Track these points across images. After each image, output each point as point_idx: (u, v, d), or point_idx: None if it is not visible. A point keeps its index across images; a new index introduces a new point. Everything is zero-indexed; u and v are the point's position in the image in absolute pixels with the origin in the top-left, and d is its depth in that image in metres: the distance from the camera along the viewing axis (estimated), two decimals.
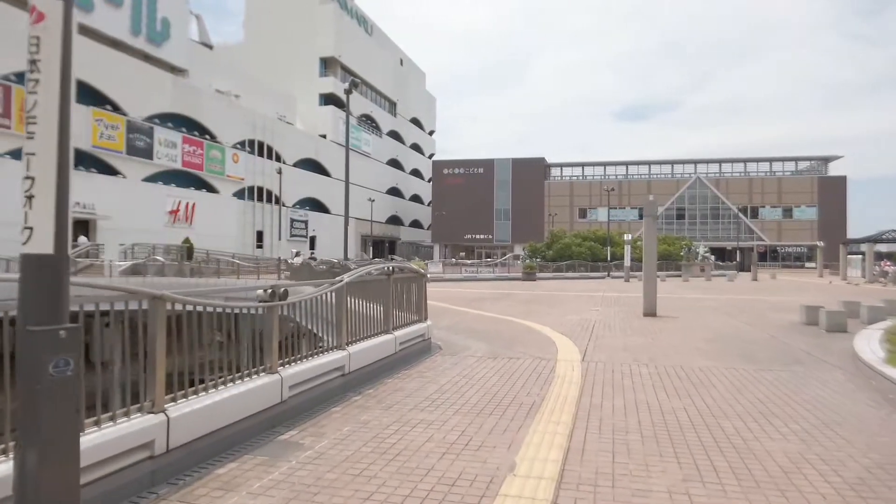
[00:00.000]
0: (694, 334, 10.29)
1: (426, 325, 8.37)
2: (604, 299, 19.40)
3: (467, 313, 14.18)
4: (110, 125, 35.76)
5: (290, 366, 4.96)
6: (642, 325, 11.68)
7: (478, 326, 11.42)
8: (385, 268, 7.17)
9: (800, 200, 70.02)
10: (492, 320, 12.61)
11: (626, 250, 35.84)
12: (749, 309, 15.72)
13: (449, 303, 17.25)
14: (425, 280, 8.51)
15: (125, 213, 36.18)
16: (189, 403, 3.76)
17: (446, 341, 9.38)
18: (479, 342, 9.27)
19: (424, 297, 8.52)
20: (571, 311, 14.83)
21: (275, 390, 4.64)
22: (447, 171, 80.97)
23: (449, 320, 12.48)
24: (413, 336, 7.80)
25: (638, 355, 7.99)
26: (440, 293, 21.86)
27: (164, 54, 41.63)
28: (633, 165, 78.44)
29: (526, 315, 13.73)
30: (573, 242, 48.83)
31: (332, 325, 5.89)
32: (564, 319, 12.81)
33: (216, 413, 3.96)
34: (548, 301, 18.37)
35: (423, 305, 8.46)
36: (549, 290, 25.35)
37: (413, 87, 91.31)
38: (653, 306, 13.58)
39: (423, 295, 8.46)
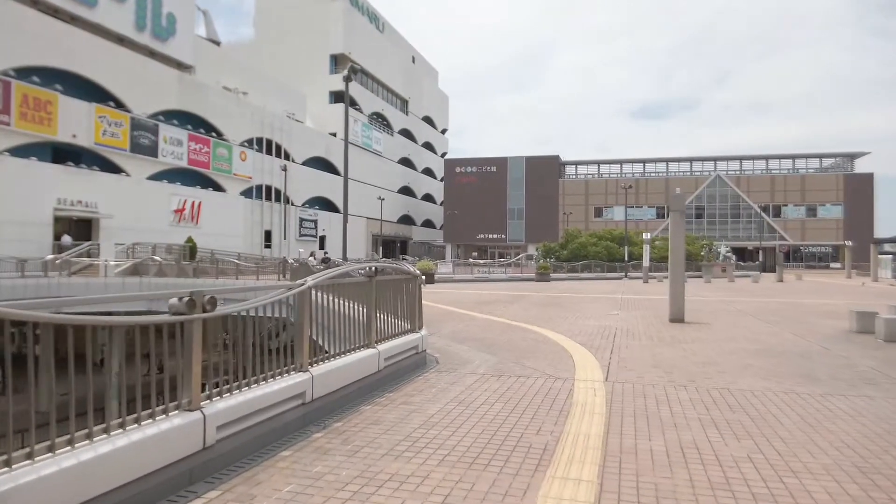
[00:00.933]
0: (734, 345, 8.92)
1: (420, 336, 7.13)
2: (623, 302, 18.01)
3: (474, 318, 12.91)
4: (114, 122, 35.04)
5: (221, 398, 3.75)
6: (671, 334, 10.33)
7: (484, 334, 10.15)
8: (367, 268, 5.94)
9: (825, 198, 67.68)
10: (500, 327, 11.33)
11: (644, 250, 34.32)
12: (787, 314, 14.26)
13: (456, 306, 16.00)
14: (420, 282, 7.26)
15: (129, 212, 35.46)
16: (44, 465, 2.55)
17: (446, 352, 8.14)
18: (484, 354, 8.01)
19: (418, 302, 7.28)
20: (589, 316, 13.50)
21: (194, 434, 3.43)
22: (459, 170, 79.73)
23: (453, 326, 11.23)
24: (402, 349, 6.56)
25: (673, 373, 6.67)
26: (448, 295, 20.62)
27: (169, 50, 40.90)
28: (650, 163, 76.54)
29: (538, 320, 12.44)
30: (588, 242, 47.35)
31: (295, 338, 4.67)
32: (581, 326, 11.50)
33: (90, 477, 2.75)
34: (563, 304, 17.04)
35: (417, 312, 7.22)
36: (564, 291, 23.99)
37: (425, 85, 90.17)
38: (680, 311, 12.21)
39: (417, 300, 7.22)
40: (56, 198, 31.48)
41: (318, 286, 4.85)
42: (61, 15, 33.39)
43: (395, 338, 6.52)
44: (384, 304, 6.36)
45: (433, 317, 13.04)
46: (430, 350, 8.27)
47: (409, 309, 7.06)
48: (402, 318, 6.81)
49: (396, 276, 6.82)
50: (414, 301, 7.14)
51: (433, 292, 22.27)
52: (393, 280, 6.64)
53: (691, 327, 11.33)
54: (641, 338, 9.81)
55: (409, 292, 7.05)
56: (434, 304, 16.37)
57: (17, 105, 29.40)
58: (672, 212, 12.35)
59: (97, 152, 34.42)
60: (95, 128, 33.84)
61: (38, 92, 30.55)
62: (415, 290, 7.15)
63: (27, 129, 30.08)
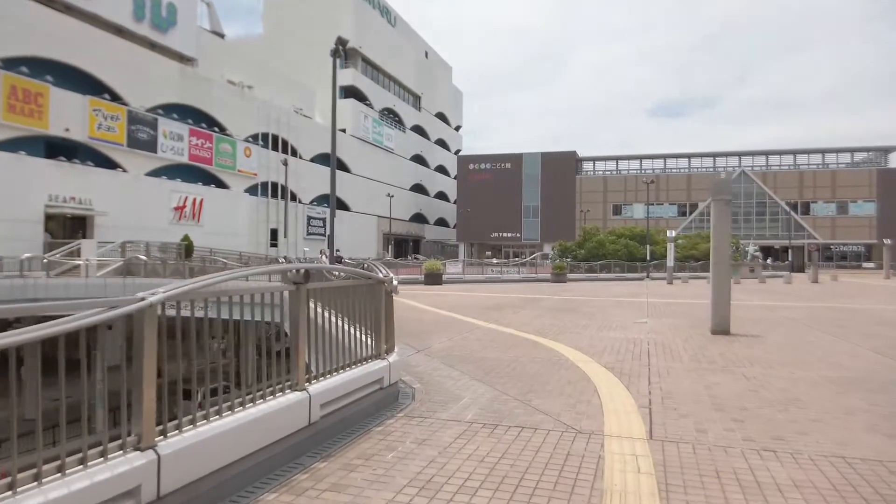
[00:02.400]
0: (809, 371, 6.82)
1: (387, 364, 5.16)
2: (650, 307, 15.88)
3: (477, 328, 10.92)
4: (109, 115, 33.64)
5: None
6: (719, 351, 8.23)
7: (484, 351, 8.16)
8: (291, 270, 3.99)
9: (856, 195, 64.37)
10: (506, 340, 9.32)
11: (668, 248, 32.00)
12: (848, 323, 12.04)
13: (459, 311, 14.02)
14: (387, 289, 5.29)
15: (126, 209, 34.07)
16: None
17: (429, 381, 6.17)
18: (479, 384, 6.02)
19: (385, 317, 5.32)
20: (612, 325, 11.43)
21: None
22: (473, 167, 77.68)
23: (448, 340, 9.26)
24: (356, 387, 4.60)
25: (746, 423, 4.61)
26: (453, 298, 18.65)
27: (170, 42, 39.49)
28: (671, 159, 73.74)
29: (552, 331, 10.41)
30: (607, 240, 45.05)
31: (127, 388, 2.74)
32: (605, 339, 9.45)
33: None
34: (580, 309, 14.96)
35: (384, 331, 5.25)
36: (582, 294, 21.87)
37: (439, 81, 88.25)
38: (725, 321, 10.09)
39: (384, 314, 5.26)
40: (47, 194, 30.12)
41: (174, 298, 2.91)
42: (55, 4, 32.05)
43: (345, 370, 4.56)
44: (327, 322, 4.41)
45: (428, 326, 11.09)
46: (409, 377, 6.34)
47: (371, 327, 5.09)
48: (357, 340, 4.84)
49: (346, 283, 4.86)
50: (378, 316, 5.18)
51: (438, 295, 20.33)
52: (340, 288, 4.68)
53: (741, 342, 9.21)
54: (683, 357, 7.74)
55: (369, 304, 5.08)
56: (434, 310, 14.42)
57: (5, 97, 28.05)
58: (714, 201, 10.23)
59: (92, 147, 33.05)
60: (90, 121, 32.45)
61: (28, 83, 29.20)
62: (379, 302, 5.19)
63: (16, 123, 28.73)
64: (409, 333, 10.00)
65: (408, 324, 11.45)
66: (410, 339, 9.25)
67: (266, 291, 3.85)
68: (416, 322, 11.79)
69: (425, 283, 27.24)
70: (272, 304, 3.75)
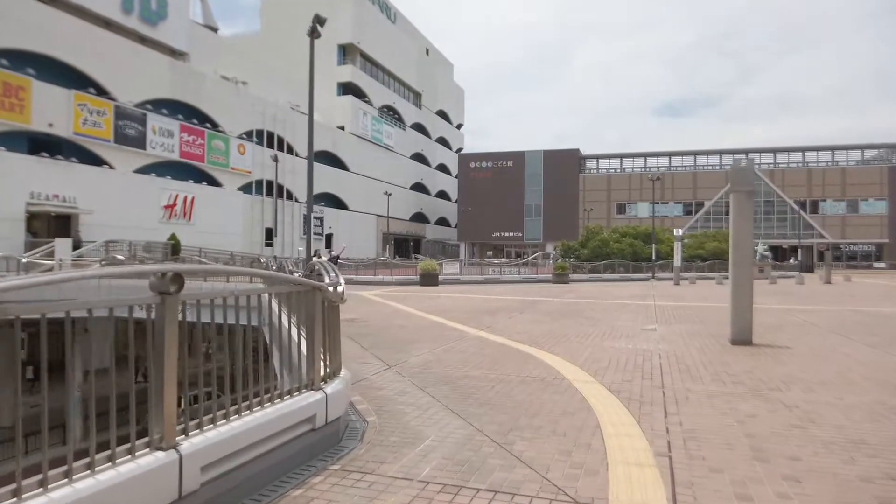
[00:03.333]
0: (860, 395, 5.56)
1: (320, 397, 3.92)
2: (658, 311, 14.61)
3: (465, 336, 9.69)
4: (95, 110, 32.56)
5: None
6: (746, 368, 6.98)
7: (465, 368, 6.92)
8: (155, 273, 2.74)
9: (867, 193, 62.83)
10: (495, 352, 8.08)
11: (675, 248, 30.68)
12: (883, 331, 10.76)
13: (449, 316, 12.78)
14: (325, 297, 4.07)
15: (113, 207, 33.00)
16: None
17: (390, 410, 4.96)
18: (451, 416, 4.79)
19: (324, 334, 4.09)
20: (618, 333, 10.18)
21: None
22: (474, 165, 76.43)
23: (429, 352, 8.02)
24: (265, 436, 3.35)
25: (805, 484, 3.36)
26: (446, 301, 17.42)
27: (160, 35, 38.41)
28: (676, 156, 72.31)
29: (550, 340, 9.17)
30: (611, 239, 43.74)
31: None
32: (609, 350, 8.21)
33: None
34: (583, 313, 13.70)
35: (318, 353, 4.01)
36: (585, 296, 20.61)
37: (440, 79, 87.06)
38: (747, 329, 8.83)
39: (320, 331, 4.02)
40: (29, 191, 29.04)
41: None
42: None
43: (251, 410, 3.32)
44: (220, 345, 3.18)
45: (411, 334, 9.87)
46: (366, 405, 5.13)
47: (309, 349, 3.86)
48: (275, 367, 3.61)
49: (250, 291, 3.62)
50: (311, 334, 3.94)
51: (431, 297, 19.12)
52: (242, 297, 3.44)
53: (768, 355, 7.95)
54: (703, 376, 6.49)
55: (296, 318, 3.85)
56: (422, 315, 13.19)
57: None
58: (734, 192, 8.96)
59: (77, 143, 31.99)
60: (75, 116, 31.38)
61: (9, 76, 28.14)
62: (314, 315, 3.95)
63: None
64: (387, 343, 8.79)
65: (388, 331, 10.23)
66: (385, 352, 8.03)
67: (115, 305, 2.62)
68: (398, 329, 10.57)
69: (420, 284, 26.02)
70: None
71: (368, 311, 14.08)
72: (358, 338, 9.42)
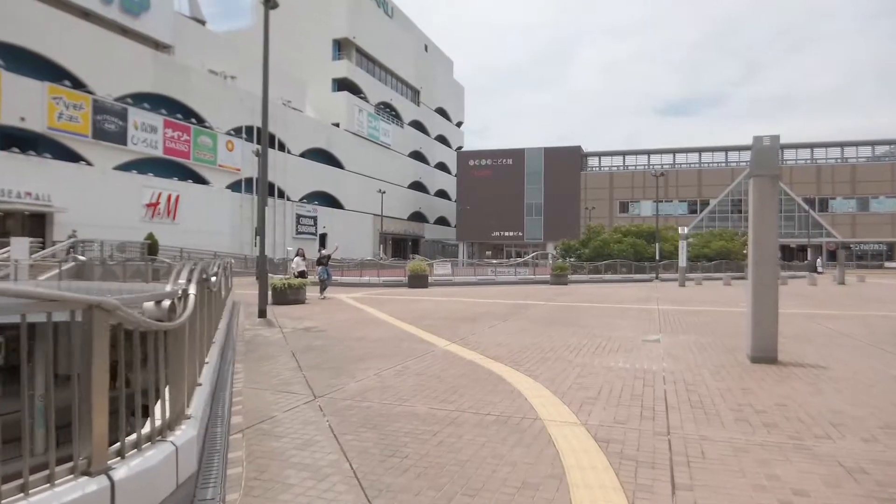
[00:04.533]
0: None
1: (101, 488, 2.30)
2: (662, 316, 13.02)
3: (430, 351, 8.12)
4: (72, 104, 31.11)
5: None
6: (776, 401, 5.38)
7: (414, 399, 5.35)
8: None
9: (878, 190, 60.92)
10: (459, 375, 6.50)
11: (680, 247, 29.01)
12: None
13: (423, 324, 11.21)
14: (119, 320, 2.46)
15: (92, 205, 31.59)
16: None
17: (271, 480, 3.41)
18: (352, 495, 3.21)
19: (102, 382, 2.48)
20: (614, 345, 8.60)
21: None
22: (473, 163, 74.80)
23: (376, 374, 6.45)
24: None
25: None
26: (427, 305, 15.84)
27: (143, 27, 36.98)
28: (680, 153, 70.53)
29: (532, 356, 7.60)
30: (612, 239, 42.10)
31: None
32: (601, 371, 6.63)
33: None
34: (577, 321, 12.11)
35: (96, 411, 2.41)
36: (583, 299, 19.01)
37: (439, 75, 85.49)
38: (771, 344, 7.23)
39: (101, 377, 2.42)
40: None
41: None
42: None
43: None
44: None
45: (368, 349, 8.31)
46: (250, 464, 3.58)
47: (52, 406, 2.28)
48: None
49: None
50: (88, 382, 2.35)
51: (413, 300, 17.56)
52: None
53: (800, 378, 6.35)
54: (724, 414, 4.90)
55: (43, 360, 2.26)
56: (393, 323, 11.63)
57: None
58: (755, 178, 7.36)
59: (52, 138, 30.57)
60: (49, 110, 29.94)
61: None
62: (88, 353, 2.36)
63: None
64: (333, 361, 7.24)
65: (342, 345, 8.67)
66: (323, 373, 6.48)
67: None
68: (354, 342, 9.00)
69: (409, 286, 24.45)
70: None
71: (334, 318, 12.53)
72: (302, 353, 7.88)
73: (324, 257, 18.95)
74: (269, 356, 7.75)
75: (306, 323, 11.48)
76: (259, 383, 6.07)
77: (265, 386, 5.95)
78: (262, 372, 6.71)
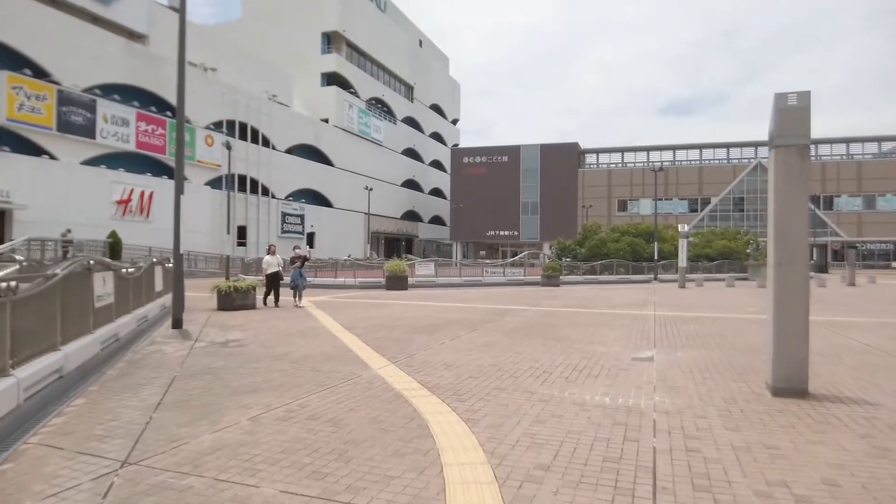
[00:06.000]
0: None
1: None
2: (659, 325, 11.17)
3: (354, 377, 6.27)
4: (34, 94, 29.24)
5: None
6: (824, 474, 3.52)
7: (264, 478, 3.50)
8: None
9: (885, 188, 59.03)
10: (363, 423, 4.65)
11: (681, 246, 27.17)
12: None
13: (369, 338, 9.37)
14: None
15: (56, 202, 29.72)
16: None
17: None
18: None
19: None
20: (595, 367, 6.76)
21: None
22: (468, 160, 72.92)
23: (247, 421, 4.62)
24: None
25: None
26: (392, 311, 13.99)
27: (115, 15, 35.14)
28: (681, 150, 68.62)
29: (484, 383, 5.76)
30: (610, 238, 40.23)
31: None
32: (569, 410, 4.79)
33: None
34: (556, 331, 10.26)
35: None
36: (572, 303, 17.16)
37: (434, 72, 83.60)
38: (799, 371, 5.39)
39: None
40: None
41: None
42: None
43: None
44: None
45: (271, 374, 6.46)
46: None
47: None
48: None
49: None
50: None
51: (380, 304, 15.73)
52: None
53: (849, 426, 4.50)
54: (741, 493, 3.04)
55: None
56: (335, 334, 9.78)
57: None
58: (777, 148, 5.51)
59: (12, 130, 28.65)
60: (8, 101, 28.05)
61: None
62: None
63: None
64: (217, 393, 5.40)
65: (250, 367, 6.82)
66: (188, 414, 4.66)
67: None
68: (270, 363, 7.15)
69: (387, 287, 22.61)
70: None
71: (272, 327, 10.68)
72: (187, 380, 6.03)
73: (297, 258, 16.20)
74: (136, 384, 5.90)
75: (233, 334, 9.64)
76: (71, 433, 4.23)
77: (76, 438, 4.12)
78: (101, 410, 4.88)
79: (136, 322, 9.14)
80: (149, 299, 10.92)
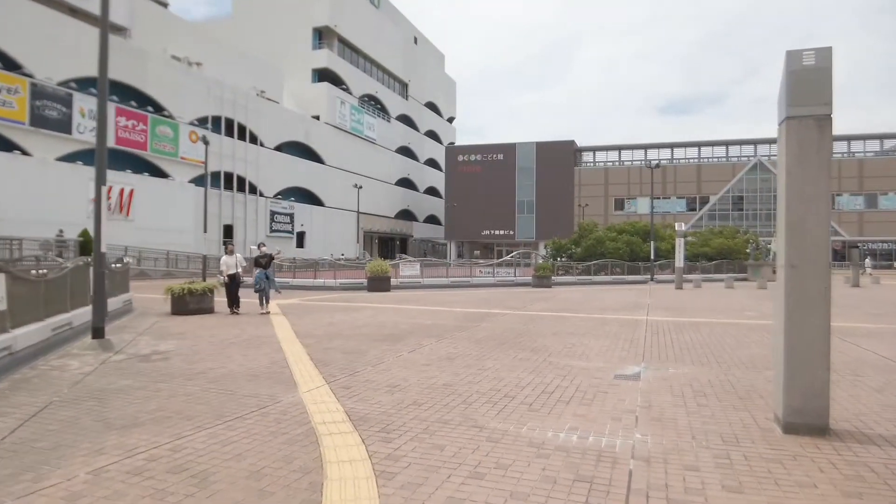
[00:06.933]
0: None
1: None
2: (650, 332, 10.04)
3: (268, 404, 5.13)
4: (5, 87, 28.14)
5: None
6: None
7: None
8: None
9: (887, 186, 57.93)
10: (235, 480, 3.49)
11: (678, 245, 26.03)
12: None
13: (320, 348, 8.24)
14: None
15: (29, 200, 28.57)
16: None
17: None
18: None
19: None
20: (567, 390, 5.63)
21: None
22: (462, 158, 71.77)
23: (65, 484, 3.43)
24: None
25: None
26: (360, 317, 12.86)
27: (94, 7, 33.76)
28: (679, 148, 67.50)
29: (427, 414, 4.63)
30: (606, 237, 39.06)
31: None
32: (523, 452, 3.64)
33: None
34: (534, 341, 9.13)
35: None
36: (560, 306, 16.03)
37: (429, 69, 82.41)
38: (818, 403, 4.24)
39: None
40: None
41: None
42: None
43: None
44: None
45: (169, 400, 5.31)
46: None
47: None
48: None
49: None
50: None
51: (353, 309, 14.60)
52: None
53: (888, 482, 3.35)
54: None
55: None
56: (284, 345, 8.64)
57: None
58: (790, 121, 4.38)
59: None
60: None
61: None
62: None
63: None
64: (81, 429, 4.30)
65: (154, 388, 5.68)
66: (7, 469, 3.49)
67: None
68: (182, 382, 6.01)
69: (368, 289, 21.48)
70: None
71: (213, 336, 9.53)
72: (60, 408, 4.89)
73: (262, 257, 14.53)
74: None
75: (166, 345, 8.49)
76: None
77: None
78: None
79: (49, 331, 8.00)
80: (79, 304, 9.76)
